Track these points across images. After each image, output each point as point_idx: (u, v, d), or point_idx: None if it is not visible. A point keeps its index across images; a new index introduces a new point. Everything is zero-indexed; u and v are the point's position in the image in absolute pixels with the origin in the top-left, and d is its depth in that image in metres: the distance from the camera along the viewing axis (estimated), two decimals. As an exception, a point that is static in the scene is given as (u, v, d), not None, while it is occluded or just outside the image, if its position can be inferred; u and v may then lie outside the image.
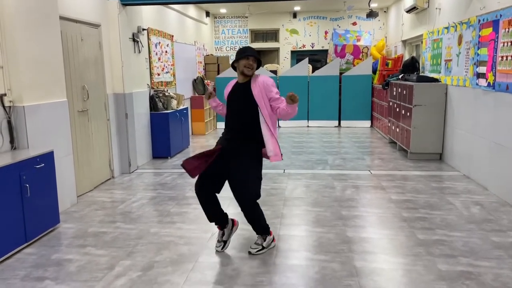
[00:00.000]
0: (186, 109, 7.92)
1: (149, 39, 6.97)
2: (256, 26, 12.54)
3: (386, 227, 3.87)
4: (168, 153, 7.00)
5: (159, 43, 7.48)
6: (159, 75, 7.46)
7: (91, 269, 3.14)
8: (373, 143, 8.13)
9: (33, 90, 4.01)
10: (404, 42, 9.72)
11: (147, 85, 6.93)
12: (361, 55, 10.83)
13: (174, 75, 8.31)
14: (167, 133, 6.93)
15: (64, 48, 4.59)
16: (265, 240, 3.37)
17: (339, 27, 11.98)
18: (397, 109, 7.34)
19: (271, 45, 12.74)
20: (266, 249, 3.36)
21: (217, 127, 10.52)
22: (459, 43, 5.82)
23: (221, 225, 3.43)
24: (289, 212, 4.30)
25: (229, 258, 3.30)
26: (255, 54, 3.23)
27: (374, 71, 10.08)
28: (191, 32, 10.06)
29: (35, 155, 3.66)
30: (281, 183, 5.37)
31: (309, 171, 5.96)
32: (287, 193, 4.95)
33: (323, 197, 4.76)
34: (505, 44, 4.49)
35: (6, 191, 3.30)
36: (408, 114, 6.65)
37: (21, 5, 3.85)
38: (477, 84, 5.22)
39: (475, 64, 5.27)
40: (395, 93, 7.56)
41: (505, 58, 4.50)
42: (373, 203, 4.56)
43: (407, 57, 9.24)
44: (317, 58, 12.59)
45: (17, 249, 3.44)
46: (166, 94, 7.26)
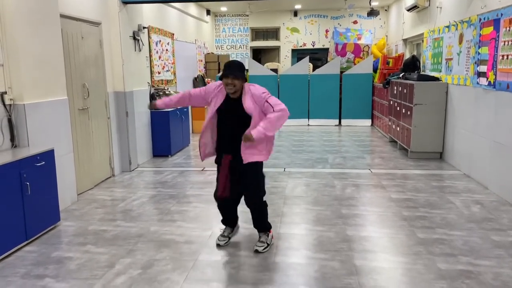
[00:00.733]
0: (186, 107, 7.92)
1: (149, 37, 6.96)
2: (256, 24, 12.53)
3: (386, 226, 3.87)
4: (168, 152, 7.00)
5: (160, 41, 7.47)
6: (159, 73, 7.45)
7: (91, 267, 3.14)
8: (373, 142, 8.13)
9: (33, 88, 4.01)
10: (405, 40, 9.71)
11: (148, 83, 6.93)
12: (361, 53, 10.82)
13: (174, 74, 8.31)
14: (167, 132, 6.93)
15: (64, 46, 4.59)
16: (268, 236, 3.44)
17: (340, 25, 11.97)
18: (398, 108, 7.33)
19: (271, 43, 12.73)
20: (270, 246, 3.41)
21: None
22: (460, 42, 5.81)
23: (233, 226, 3.59)
24: (289, 210, 4.30)
25: (229, 256, 3.31)
26: (235, 72, 3.06)
27: (374, 70, 10.08)
28: (192, 30, 10.05)
29: (35, 153, 3.66)
30: (282, 181, 5.37)
31: (309, 170, 5.96)
32: (287, 191, 4.95)
33: (323, 195, 4.77)
34: (506, 43, 4.49)
35: (6, 189, 3.30)
36: (408, 113, 6.65)
37: (22, 3, 3.85)
38: (477, 83, 5.22)
39: (475, 63, 5.27)
40: (395, 92, 7.56)
41: (505, 57, 4.50)
42: (373, 201, 4.56)
43: (407, 56, 9.23)
44: (318, 56, 12.59)
45: (17, 247, 3.45)
46: (166, 92, 7.26)
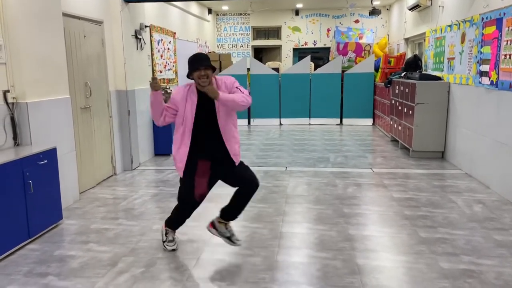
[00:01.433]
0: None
1: (151, 36, 6.97)
2: (258, 23, 12.53)
3: (388, 225, 3.87)
4: (170, 150, 6.99)
5: (162, 40, 7.48)
6: (161, 72, 7.46)
7: (94, 266, 3.15)
8: (375, 141, 8.12)
9: (36, 86, 4.02)
10: (406, 40, 9.70)
11: (149, 82, 6.92)
12: (363, 53, 10.80)
13: (176, 72, 8.32)
14: (169, 130, 6.92)
15: (67, 44, 4.59)
16: (227, 228, 3.34)
17: (342, 24, 11.95)
18: (399, 107, 7.32)
19: (273, 42, 12.73)
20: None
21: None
22: (462, 41, 5.80)
23: (177, 228, 3.45)
24: (291, 209, 4.31)
25: (231, 255, 3.31)
26: (206, 62, 2.98)
27: (376, 69, 10.06)
28: (193, 29, 10.05)
29: (38, 152, 3.67)
30: (283, 180, 5.37)
31: (311, 169, 5.96)
32: (289, 190, 4.95)
33: (325, 195, 4.77)
34: (509, 42, 4.48)
35: (9, 187, 3.31)
36: (410, 112, 6.64)
37: (25, 1, 3.85)
38: (480, 82, 5.21)
39: (478, 62, 5.26)
40: (397, 91, 7.55)
41: (508, 56, 4.49)
42: (375, 201, 4.56)
43: (409, 55, 9.22)
44: (319, 55, 12.58)
45: (20, 245, 3.45)
46: (168, 91, 7.26)
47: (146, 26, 6.60)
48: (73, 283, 2.90)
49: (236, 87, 3.12)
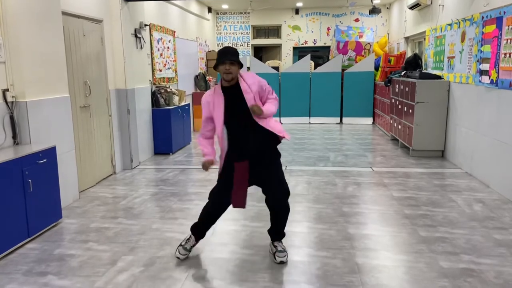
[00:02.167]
0: (188, 105, 7.91)
1: (151, 35, 6.96)
2: (258, 22, 12.51)
3: (388, 224, 3.87)
4: (169, 149, 7.00)
5: (161, 39, 7.47)
6: (161, 71, 7.45)
7: (93, 265, 3.14)
8: (375, 140, 8.12)
9: (35, 85, 4.01)
10: (406, 39, 9.68)
11: (149, 81, 6.92)
12: (363, 51, 10.79)
13: (176, 71, 8.30)
14: (169, 129, 6.93)
15: (66, 43, 4.59)
16: (282, 242, 3.27)
17: (342, 23, 11.94)
18: (399, 106, 7.32)
19: (273, 41, 12.71)
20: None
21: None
22: (462, 40, 5.79)
23: (201, 236, 3.35)
24: (291, 208, 4.28)
25: (231, 254, 3.31)
26: (231, 57, 2.91)
27: (376, 68, 10.06)
28: (193, 28, 10.04)
29: (37, 151, 3.67)
30: (283, 179, 5.36)
31: (310, 168, 5.96)
32: (289, 189, 4.94)
33: (324, 193, 4.76)
34: (509, 41, 4.47)
35: (8, 186, 3.31)
36: (410, 111, 6.63)
37: (24, 0, 3.84)
38: (480, 81, 5.20)
39: (478, 61, 5.25)
40: (397, 90, 7.54)
41: (508, 55, 4.48)
42: (375, 200, 4.56)
43: (409, 54, 9.21)
44: (319, 54, 12.56)
45: (19, 244, 3.45)
46: (168, 90, 7.26)
47: (145, 24, 6.59)
48: (72, 282, 2.89)
49: (269, 91, 3.11)
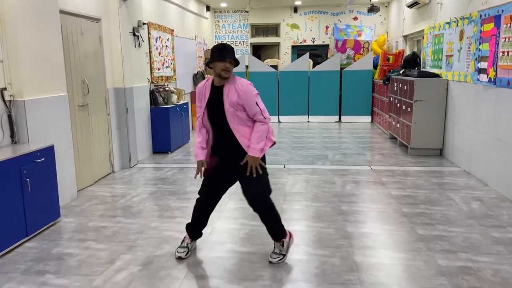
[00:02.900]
0: (186, 103, 7.90)
1: (149, 33, 6.94)
2: (256, 20, 12.49)
3: (386, 222, 3.87)
4: (168, 148, 7.00)
5: (160, 37, 7.45)
6: (159, 69, 7.44)
7: (91, 263, 3.14)
8: (373, 139, 8.12)
9: (33, 84, 4.00)
10: (405, 37, 9.68)
11: (148, 79, 6.91)
12: (362, 50, 10.79)
13: (174, 70, 8.29)
14: (167, 128, 6.92)
15: (64, 42, 4.58)
16: (283, 245, 3.14)
17: (340, 22, 11.93)
18: (398, 105, 7.32)
19: (271, 39, 12.70)
20: (287, 255, 3.16)
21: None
22: (461, 38, 5.80)
23: (195, 236, 3.33)
24: (289, 207, 4.31)
25: (230, 252, 3.31)
26: (233, 56, 2.90)
27: (375, 66, 10.06)
28: (192, 26, 10.02)
29: (35, 150, 3.66)
30: (281, 178, 5.37)
31: (309, 166, 5.96)
32: (287, 188, 4.95)
33: (323, 192, 4.77)
34: (507, 39, 4.48)
35: (6, 185, 3.30)
36: (408, 109, 6.64)
37: (21, -2, 3.84)
38: (478, 79, 5.21)
39: (476, 59, 5.26)
40: (396, 89, 7.55)
41: (506, 53, 4.49)
42: (373, 198, 4.56)
43: (408, 52, 9.21)
44: (318, 53, 12.55)
45: (18, 243, 3.45)
46: (166, 88, 7.25)
47: (144, 23, 6.58)
48: (70, 281, 2.89)
49: (259, 111, 2.92)
